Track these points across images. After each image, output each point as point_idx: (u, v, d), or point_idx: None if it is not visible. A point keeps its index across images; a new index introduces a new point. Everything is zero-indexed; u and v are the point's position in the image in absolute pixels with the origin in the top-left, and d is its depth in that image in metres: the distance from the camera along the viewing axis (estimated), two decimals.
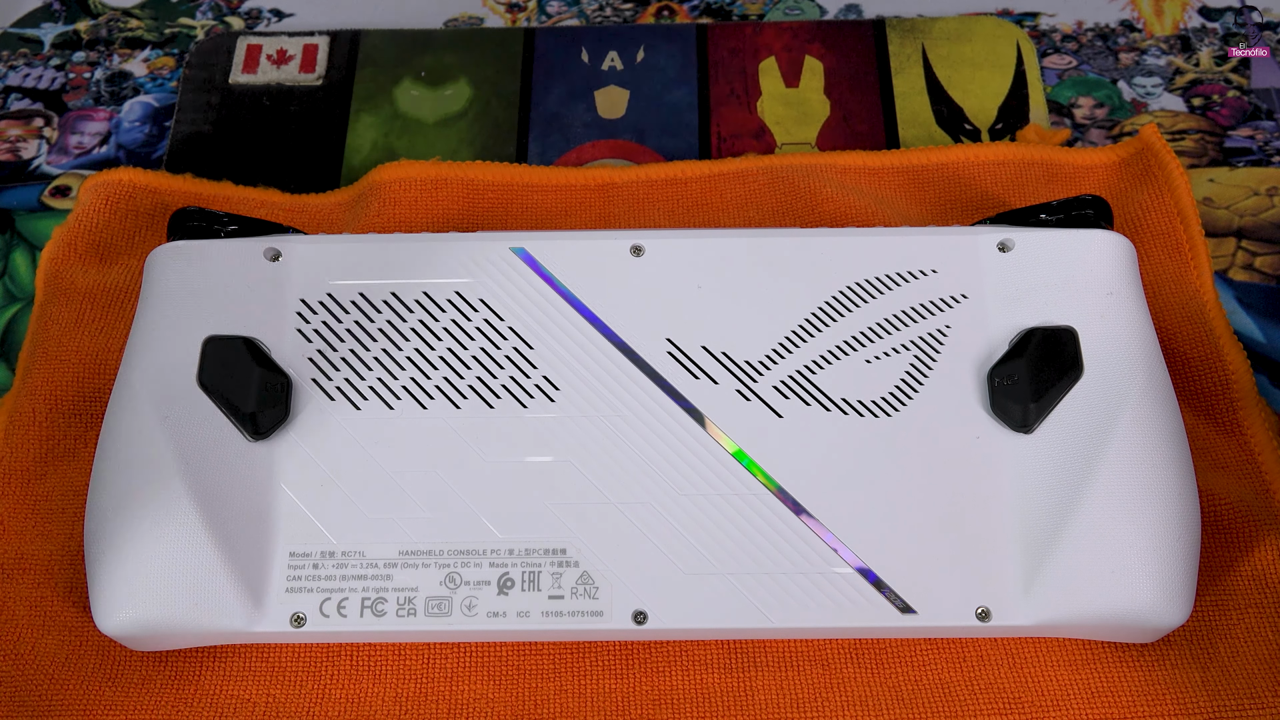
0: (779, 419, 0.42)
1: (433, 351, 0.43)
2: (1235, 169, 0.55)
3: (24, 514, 0.45)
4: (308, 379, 0.42)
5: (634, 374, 0.43)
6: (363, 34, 0.60)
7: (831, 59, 0.59)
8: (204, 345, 0.42)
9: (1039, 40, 0.59)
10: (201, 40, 0.61)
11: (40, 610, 0.43)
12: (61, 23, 0.62)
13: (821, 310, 0.43)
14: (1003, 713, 0.40)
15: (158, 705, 0.41)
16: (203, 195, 0.53)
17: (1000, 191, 0.53)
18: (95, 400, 0.46)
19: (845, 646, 0.42)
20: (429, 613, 0.40)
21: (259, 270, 0.44)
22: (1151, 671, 0.41)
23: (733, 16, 0.61)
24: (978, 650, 0.42)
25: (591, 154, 0.56)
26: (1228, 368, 0.47)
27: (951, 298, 0.44)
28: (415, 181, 0.52)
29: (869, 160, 0.53)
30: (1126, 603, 0.39)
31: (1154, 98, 0.57)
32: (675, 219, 0.52)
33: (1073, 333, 0.42)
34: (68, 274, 0.49)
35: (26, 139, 0.58)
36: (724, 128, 0.57)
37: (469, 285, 0.44)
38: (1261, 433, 0.45)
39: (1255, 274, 0.52)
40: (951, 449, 0.41)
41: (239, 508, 0.40)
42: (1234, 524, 0.44)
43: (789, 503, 0.41)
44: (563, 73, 0.59)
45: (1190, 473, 0.41)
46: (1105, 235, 0.44)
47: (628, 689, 0.42)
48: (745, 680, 0.42)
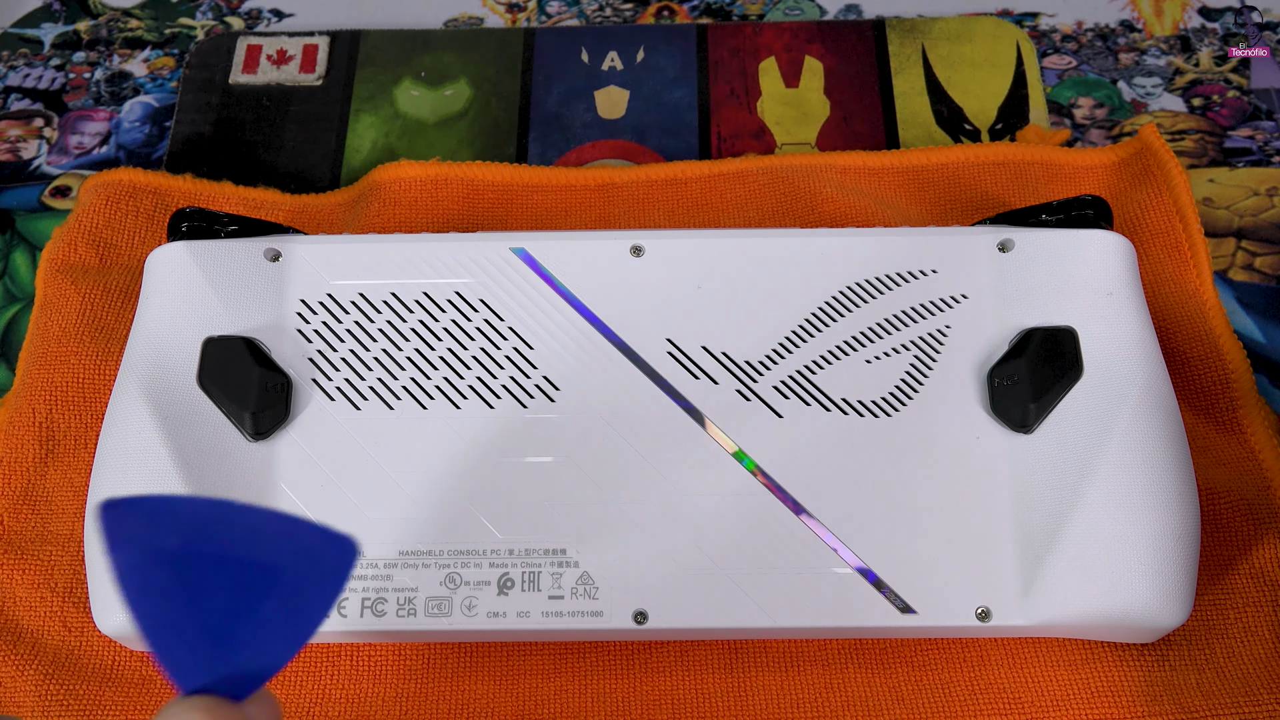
0: (779, 419, 0.42)
1: (433, 352, 0.43)
2: (1235, 169, 0.55)
3: (24, 513, 0.45)
4: (308, 379, 0.42)
5: (634, 374, 0.43)
6: (363, 34, 0.60)
7: (831, 59, 0.59)
8: (204, 345, 0.42)
9: (1039, 40, 0.59)
10: (201, 40, 0.61)
11: (40, 610, 0.43)
12: (61, 23, 0.62)
13: (821, 310, 0.43)
14: (1003, 713, 0.40)
15: (158, 705, 0.41)
16: (203, 195, 0.53)
17: (1000, 191, 0.53)
18: (95, 400, 0.46)
19: (845, 646, 0.42)
20: (429, 613, 0.40)
21: (259, 270, 0.44)
22: (1151, 671, 0.41)
23: (733, 16, 0.61)
24: (978, 650, 0.42)
25: (591, 154, 0.56)
26: (1228, 368, 0.47)
27: (951, 298, 0.44)
28: (415, 181, 0.52)
29: (869, 160, 0.53)
30: (1126, 603, 0.39)
31: (1154, 98, 0.57)
32: (675, 219, 0.52)
33: (1072, 333, 0.42)
34: (68, 274, 0.49)
35: (27, 139, 0.58)
36: (724, 128, 0.57)
37: (469, 285, 0.44)
38: (1261, 432, 0.45)
39: (1255, 274, 0.52)
40: (951, 449, 0.41)
41: None
42: (1234, 523, 0.44)
43: (789, 503, 0.41)
44: (563, 73, 0.59)
45: (1190, 473, 0.41)
46: (1105, 235, 0.44)
47: (628, 689, 0.42)
48: (745, 680, 0.42)
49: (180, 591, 0.23)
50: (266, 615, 0.24)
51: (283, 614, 0.24)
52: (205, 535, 0.24)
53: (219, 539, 0.24)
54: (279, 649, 0.24)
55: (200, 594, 0.23)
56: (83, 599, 0.43)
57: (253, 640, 0.24)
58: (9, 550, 0.44)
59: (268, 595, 0.24)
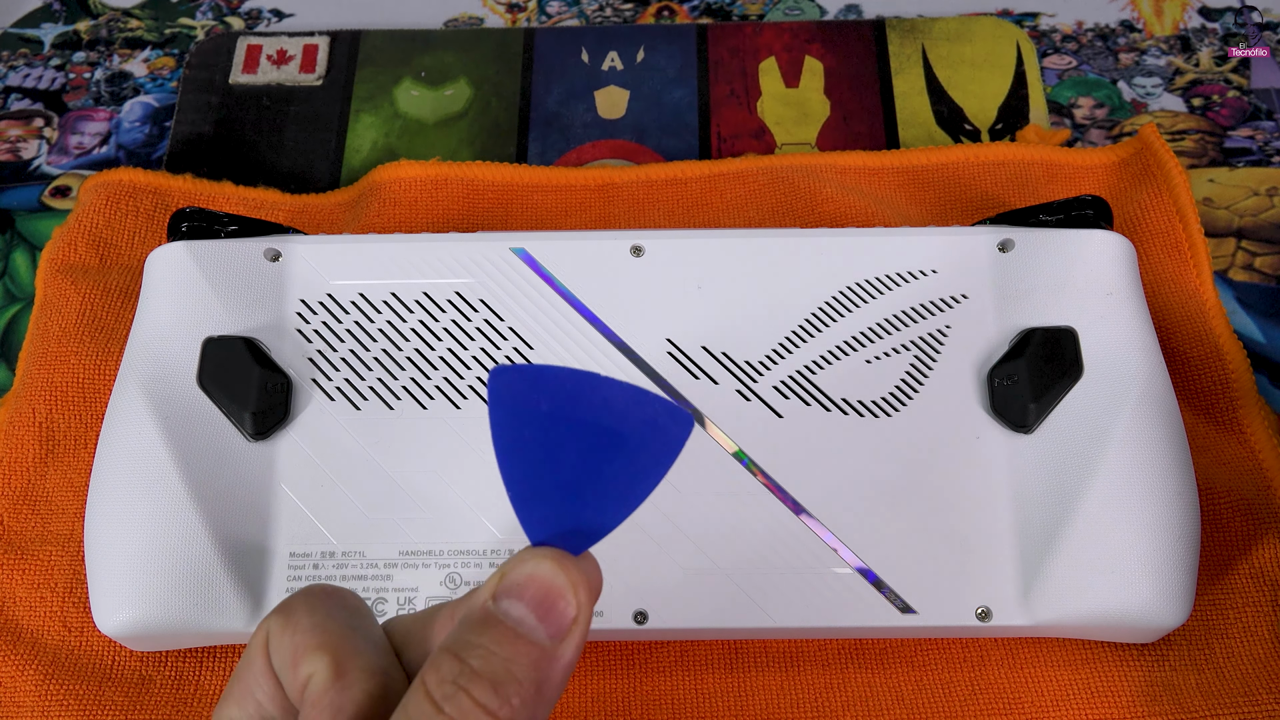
0: (779, 419, 0.42)
1: (433, 352, 0.43)
2: (1235, 169, 0.55)
3: (24, 513, 0.45)
4: (308, 379, 0.42)
5: (634, 374, 0.43)
6: (363, 34, 0.60)
7: (831, 59, 0.59)
8: (204, 345, 0.42)
9: (1039, 40, 0.59)
10: (201, 40, 0.61)
11: (40, 610, 0.43)
12: (61, 23, 0.62)
13: (821, 310, 0.43)
14: (1003, 713, 0.40)
15: (158, 705, 0.41)
16: (203, 195, 0.53)
17: (1000, 191, 0.53)
18: (95, 400, 0.46)
19: (845, 646, 0.42)
20: None
21: (259, 270, 0.44)
22: (1151, 671, 0.41)
23: (733, 16, 0.61)
24: (978, 650, 0.42)
25: (591, 154, 0.56)
26: (1228, 368, 0.47)
27: (951, 298, 0.44)
28: (415, 181, 0.52)
29: (869, 160, 0.53)
30: (1126, 603, 0.39)
31: (1154, 98, 0.57)
32: (675, 219, 0.52)
33: (1073, 333, 0.42)
34: (68, 274, 0.49)
35: (27, 139, 0.58)
36: (724, 128, 0.57)
37: (469, 285, 0.44)
38: (1261, 432, 0.45)
39: (1255, 274, 0.52)
40: (951, 449, 0.41)
41: (239, 508, 0.40)
42: (1234, 523, 0.44)
43: (789, 503, 0.41)
44: (563, 73, 0.59)
45: (1190, 473, 0.41)
46: (1105, 235, 0.44)
47: (628, 689, 0.42)
48: (745, 680, 0.42)
49: (543, 450, 0.26)
50: (609, 478, 0.27)
51: (622, 478, 0.27)
52: (572, 401, 0.26)
53: (583, 405, 0.27)
54: (614, 510, 0.27)
55: (559, 454, 0.26)
56: (83, 599, 0.43)
57: (595, 500, 0.27)
58: (9, 550, 0.44)
59: (613, 459, 0.27)
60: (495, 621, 0.25)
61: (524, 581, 0.25)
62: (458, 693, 0.24)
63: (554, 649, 0.25)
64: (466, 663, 0.24)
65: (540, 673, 0.25)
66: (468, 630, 0.25)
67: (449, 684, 0.24)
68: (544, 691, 0.25)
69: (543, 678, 0.25)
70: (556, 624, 0.25)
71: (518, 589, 0.25)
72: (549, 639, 0.25)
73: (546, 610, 0.25)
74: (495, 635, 0.25)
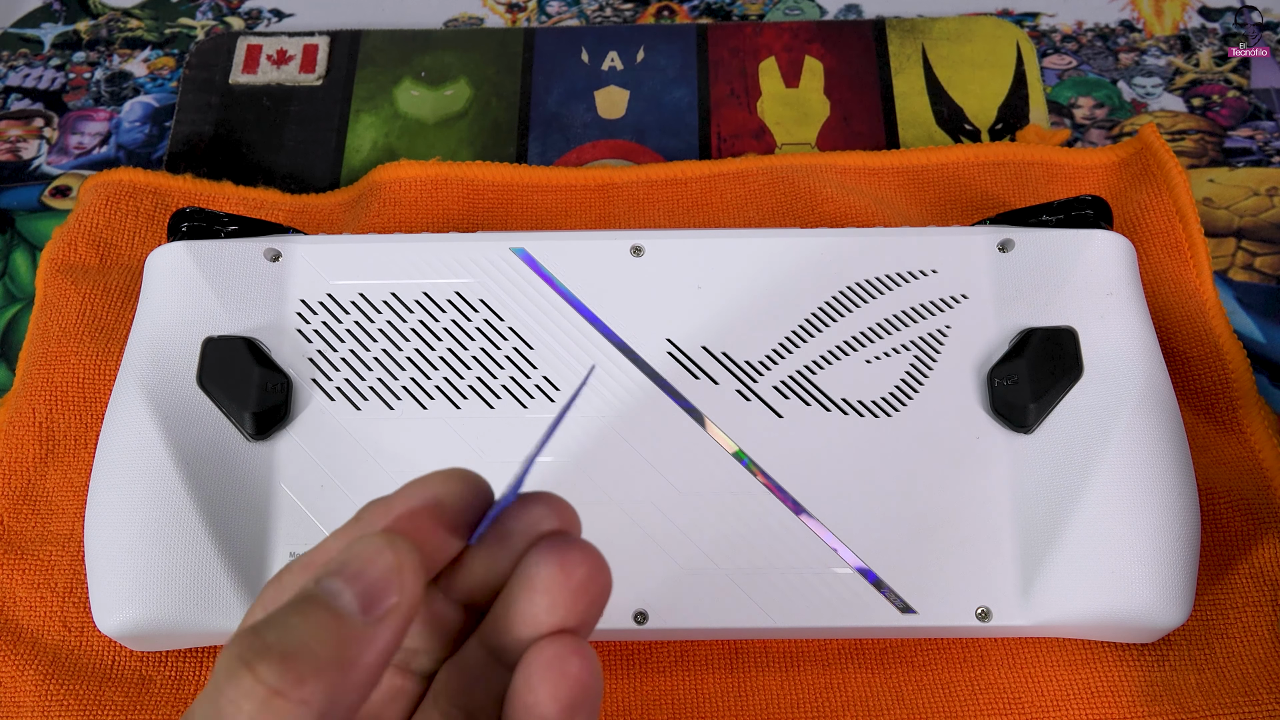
0: (779, 419, 0.42)
1: (433, 352, 0.43)
2: (1235, 169, 0.55)
3: (24, 513, 0.45)
4: (308, 379, 0.42)
5: (634, 374, 0.43)
6: (363, 34, 0.60)
7: (831, 59, 0.59)
8: (204, 345, 0.42)
9: (1039, 40, 0.59)
10: (201, 40, 0.61)
11: (40, 610, 0.43)
12: (61, 23, 0.62)
13: (821, 310, 0.43)
14: (1003, 713, 0.40)
15: (158, 705, 0.41)
16: (203, 195, 0.53)
17: (1000, 191, 0.53)
18: (95, 400, 0.46)
19: (845, 646, 0.42)
20: None
21: (259, 270, 0.44)
22: (1151, 671, 0.41)
23: (733, 16, 0.61)
24: (978, 650, 0.42)
25: (591, 154, 0.56)
26: (1228, 368, 0.47)
27: (951, 298, 0.44)
28: (415, 181, 0.52)
29: (869, 160, 0.53)
30: (1126, 603, 0.39)
31: (1154, 98, 0.57)
32: (675, 219, 0.52)
33: (1073, 333, 0.42)
34: (68, 274, 0.49)
35: (27, 139, 0.58)
36: (724, 128, 0.57)
37: (469, 285, 0.44)
38: (1261, 432, 0.45)
39: (1255, 274, 0.52)
40: (951, 449, 0.41)
41: (239, 508, 0.40)
42: (1234, 523, 0.44)
43: (789, 503, 0.41)
44: (563, 73, 0.59)
45: (1190, 473, 0.41)
46: (1105, 235, 0.44)
47: (628, 689, 0.42)
48: (745, 680, 0.42)
49: None
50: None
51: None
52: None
53: None
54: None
55: None
56: (83, 599, 0.43)
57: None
58: (9, 550, 0.44)
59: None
60: (308, 596, 0.23)
61: (348, 559, 0.24)
62: (240, 669, 0.22)
63: (366, 630, 0.23)
64: (261, 636, 0.23)
65: (347, 652, 0.23)
66: (279, 609, 0.24)
67: (234, 659, 0.22)
68: (350, 674, 0.23)
69: (349, 658, 0.23)
70: (373, 602, 0.23)
71: (340, 566, 0.24)
72: (361, 616, 0.23)
73: (364, 588, 0.23)
74: (302, 608, 0.23)
